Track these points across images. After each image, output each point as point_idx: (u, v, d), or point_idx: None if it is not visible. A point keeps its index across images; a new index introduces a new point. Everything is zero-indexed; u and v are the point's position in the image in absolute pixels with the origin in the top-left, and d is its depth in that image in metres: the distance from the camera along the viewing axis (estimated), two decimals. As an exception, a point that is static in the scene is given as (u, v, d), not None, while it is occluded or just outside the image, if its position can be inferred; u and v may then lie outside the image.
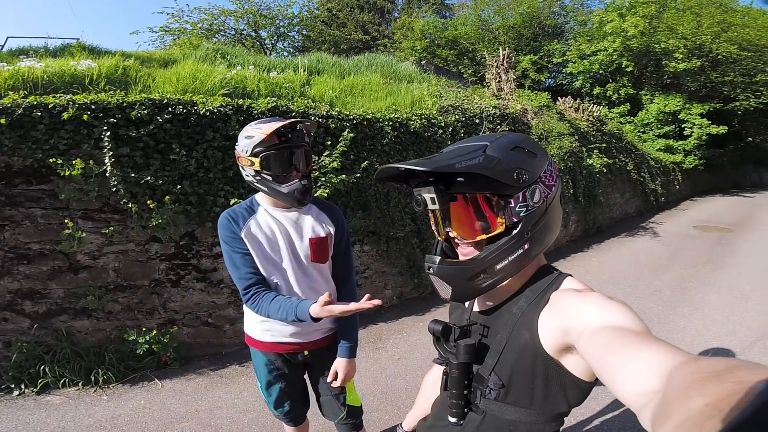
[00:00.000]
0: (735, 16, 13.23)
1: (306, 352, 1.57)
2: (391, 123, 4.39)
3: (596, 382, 0.70)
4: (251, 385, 2.92)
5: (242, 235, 1.41)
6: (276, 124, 1.32)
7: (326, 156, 3.73)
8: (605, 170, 7.87)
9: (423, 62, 8.92)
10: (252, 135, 1.35)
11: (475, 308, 0.87)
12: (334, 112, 3.97)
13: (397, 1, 20.91)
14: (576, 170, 7.05)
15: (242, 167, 1.42)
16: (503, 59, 7.63)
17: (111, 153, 2.86)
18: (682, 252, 6.69)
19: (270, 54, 9.89)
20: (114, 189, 2.91)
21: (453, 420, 0.81)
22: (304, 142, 1.40)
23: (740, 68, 12.99)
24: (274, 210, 1.47)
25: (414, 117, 4.71)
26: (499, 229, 0.73)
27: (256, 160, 1.34)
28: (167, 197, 3.02)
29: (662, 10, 12.73)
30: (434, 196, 0.72)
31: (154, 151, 3.04)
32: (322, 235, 1.49)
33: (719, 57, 12.60)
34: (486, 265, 0.73)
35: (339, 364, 1.53)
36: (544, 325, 0.71)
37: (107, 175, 2.88)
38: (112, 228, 2.98)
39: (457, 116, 5.32)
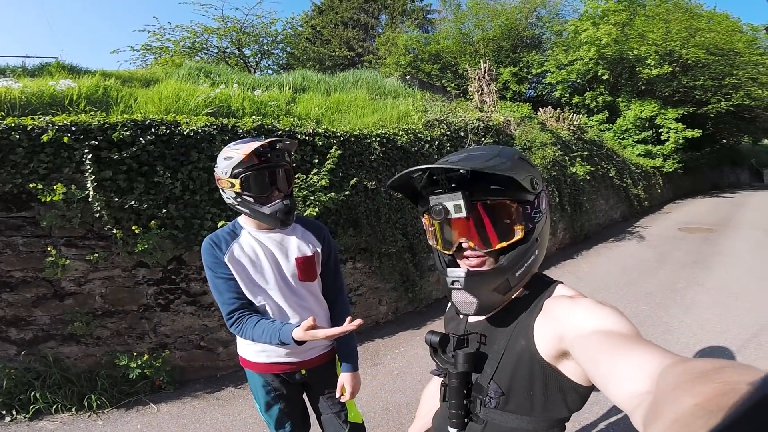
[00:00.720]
0: (701, 21, 13.72)
1: (303, 371, 1.54)
2: (378, 139, 4.42)
3: (594, 386, 0.70)
4: (249, 406, 2.86)
5: (225, 259, 1.38)
6: (255, 144, 1.31)
7: (314, 174, 3.72)
8: (588, 178, 8.03)
9: (408, 77, 9.05)
10: (231, 156, 1.33)
11: (471, 318, 0.86)
12: (320, 130, 3.98)
13: (380, 17, 21.37)
14: (560, 179, 7.18)
15: (222, 190, 1.40)
16: (484, 72, 7.80)
17: (93, 177, 2.80)
18: (668, 254, 6.82)
19: (254, 72, 9.87)
20: (97, 215, 2.84)
21: (453, 430, 0.80)
22: (284, 161, 1.38)
23: (709, 72, 13.45)
24: (257, 232, 1.44)
25: (401, 132, 4.75)
26: (518, 236, 0.74)
27: (236, 182, 1.32)
28: (153, 222, 2.97)
29: (633, 18, 13.18)
30: (460, 202, 0.70)
31: (137, 174, 2.99)
32: (309, 254, 1.47)
33: (689, 62, 13.07)
34: (510, 273, 0.74)
35: (345, 378, 1.51)
36: (540, 332, 0.72)
37: (90, 200, 2.81)
38: (96, 254, 2.90)
39: (442, 130, 5.39)
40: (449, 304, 0.92)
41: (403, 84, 7.82)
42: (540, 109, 9.52)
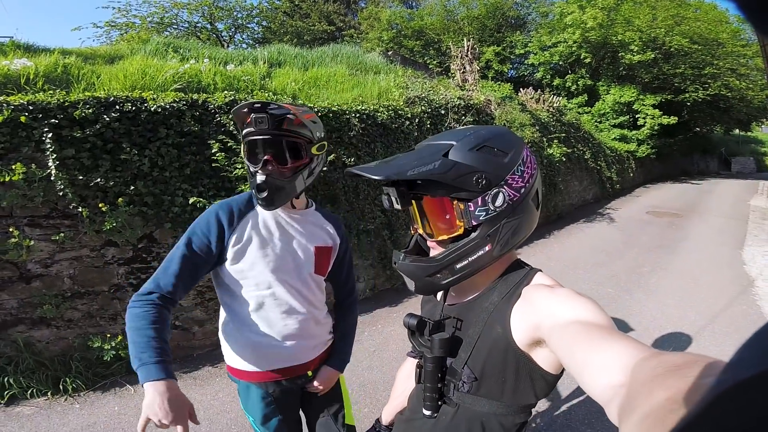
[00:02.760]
0: (688, 10, 13.85)
1: (309, 373, 1.39)
2: (357, 115, 4.35)
3: (561, 374, 0.74)
4: (227, 385, 2.87)
5: (231, 241, 1.21)
6: (254, 102, 1.16)
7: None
8: (564, 159, 8.18)
9: (390, 53, 8.86)
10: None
11: (448, 301, 0.88)
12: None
13: (364, -9, 20.63)
14: (537, 160, 7.28)
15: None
16: (467, 50, 7.71)
17: (55, 155, 2.68)
18: (636, 237, 7.09)
19: (227, 47, 9.40)
20: (61, 193, 2.73)
21: (427, 413, 0.82)
22: (282, 132, 1.16)
23: (690, 61, 13.69)
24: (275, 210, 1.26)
25: (381, 109, 4.69)
26: (458, 231, 0.75)
27: (243, 147, 1.22)
28: (120, 199, 2.87)
29: (620, 3, 13.19)
30: (395, 198, 0.75)
31: (102, 152, 2.86)
32: (328, 244, 1.37)
33: (671, 50, 13.26)
34: (445, 265, 0.75)
35: (327, 372, 1.40)
36: (516, 320, 0.72)
37: (52, 178, 2.69)
38: (62, 234, 2.80)
39: (423, 107, 5.35)
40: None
41: (384, 60, 7.66)
42: (521, 89, 9.53)
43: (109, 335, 2.94)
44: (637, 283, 4.91)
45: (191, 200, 3.10)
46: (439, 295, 0.93)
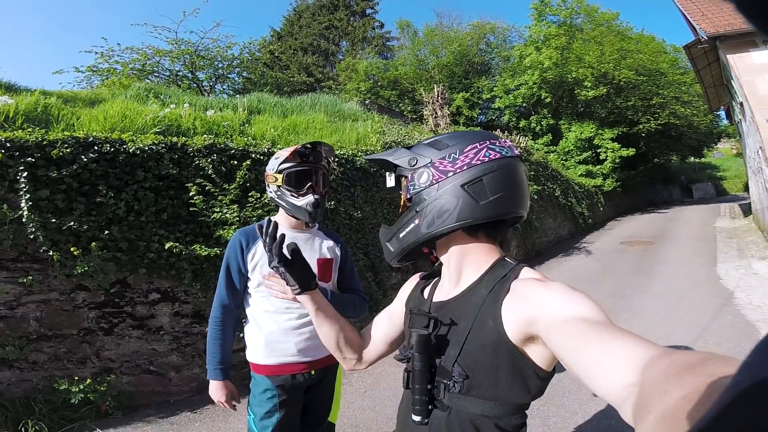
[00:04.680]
0: (630, 43, 15.11)
1: (312, 372, 1.59)
2: (337, 160, 4.45)
3: (554, 371, 0.72)
4: (207, 429, 2.76)
5: (248, 257, 1.53)
6: (298, 146, 1.53)
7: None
8: (536, 197, 8.50)
9: (367, 102, 9.28)
10: (279, 156, 1.56)
11: (436, 298, 0.88)
12: (276, 149, 3.96)
13: (341, 44, 21.89)
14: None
15: (267, 185, 1.60)
16: (438, 95, 8.19)
17: (28, 195, 2.60)
18: (613, 265, 7.29)
19: (208, 95, 9.60)
20: (32, 236, 2.64)
21: (417, 419, 0.78)
22: (321, 164, 1.59)
23: (639, 93, 14.82)
24: (288, 230, 1.58)
25: (359, 153, 4.82)
26: (403, 203, 0.88)
27: (280, 176, 1.53)
28: (94, 243, 2.78)
29: (572, 41, 14.39)
30: (392, 177, 0.93)
31: (78, 194, 2.81)
32: (329, 257, 1.64)
33: (621, 83, 14.38)
34: (394, 231, 0.88)
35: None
36: (508, 314, 0.70)
37: (24, 220, 2.61)
38: (30, 277, 2.68)
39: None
40: (412, 284, 1.02)
41: (362, 108, 8.00)
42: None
43: (77, 378, 2.78)
44: (621, 306, 4.99)
45: (167, 245, 3.02)
46: (426, 292, 0.93)
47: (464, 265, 0.83)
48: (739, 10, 0.18)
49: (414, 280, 1.02)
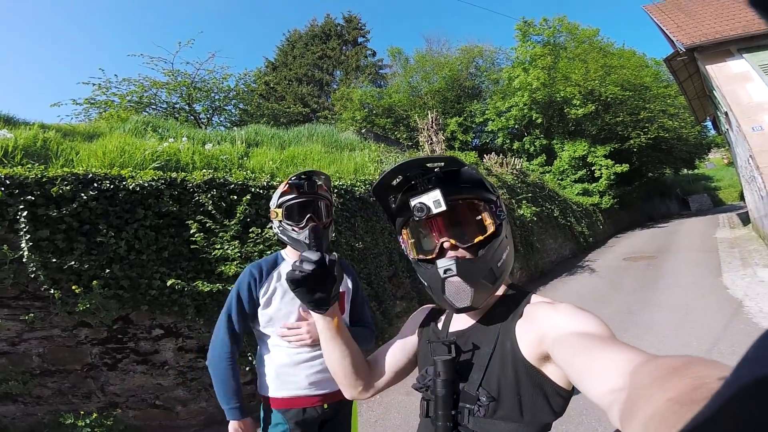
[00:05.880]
0: (613, 59, 15.40)
1: (326, 406, 1.54)
2: (336, 190, 4.45)
3: (574, 389, 0.72)
4: None
5: (261, 291, 1.50)
6: (292, 178, 1.50)
7: (270, 228, 3.64)
8: (535, 218, 8.50)
9: (363, 131, 9.41)
10: (278, 189, 1.55)
11: (452, 328, 0.88)
12: (275, 183, 3.95)
13: (335, 73, 22.38)
14: (510, 221, 7.51)
15: (272, 221, 1.57)
16: (432, 121, 8.29)
17: (29, 236, 2.56)
18: (618, 282, 7.21)
19: (205, 128, 9.68)
20: (33, 275, 2.59)
21: None
22: (319, 194, 1.54)
23: (626, 108, 15.09)
24: None
25: (358, 183, 4.82)
26: (491, 230, 0.78)
27: (280, 211, 1.51)
28: (95, 282, 2.73)
29: (557, 61, 14.75)
30: (440, 198, 0.76)
31: (78, 234, 2.77)
32: (341, 290, 1.57)
33: (608, 99, 14.68)
34: (493, 263, 0.77)
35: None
36: (522, 335, 0.73)
37: (24, 260, 2.56)
38: (32, 315, 2.62)
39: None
40: (422, 315, 0.98)
41: (358, 137, 8.10)
42: (485, 156, 10.15)
43: (83, 412, 2.70)
44: (631, 321, 4.91)
45: (169, 282, 2.97)
46: (440, 324, 0.92)
47: None
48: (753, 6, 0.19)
49: (424, 311, 1.01)
